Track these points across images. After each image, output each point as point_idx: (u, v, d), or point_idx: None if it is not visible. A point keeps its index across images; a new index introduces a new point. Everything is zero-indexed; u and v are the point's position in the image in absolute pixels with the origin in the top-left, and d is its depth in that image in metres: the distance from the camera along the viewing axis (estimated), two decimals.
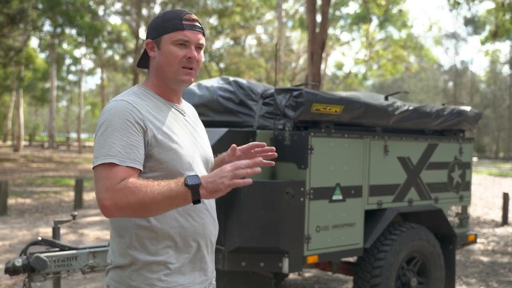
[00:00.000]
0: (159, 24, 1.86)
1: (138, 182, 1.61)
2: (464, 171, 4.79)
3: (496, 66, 58.92)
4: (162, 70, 1.86)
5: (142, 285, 1.75)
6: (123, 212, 1.62)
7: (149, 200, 1.58)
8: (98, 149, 1.69)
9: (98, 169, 1.66)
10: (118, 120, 1.70)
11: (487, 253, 7.48)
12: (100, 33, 22.36)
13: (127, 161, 1.66)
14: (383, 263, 3.99)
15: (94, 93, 67.34)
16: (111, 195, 1.60)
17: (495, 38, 16.63)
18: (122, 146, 1.67)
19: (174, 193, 1.59)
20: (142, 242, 1.77)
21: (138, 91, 1.88)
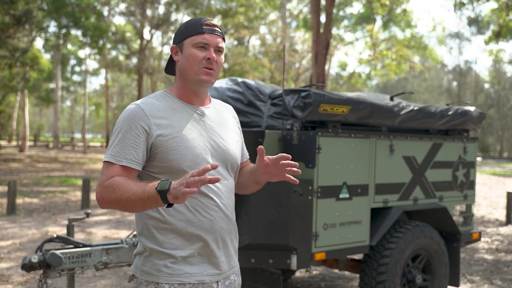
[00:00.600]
0: (182, 30, 2.00)
1: (120, 181, 1.78)
2: (469, 170, 4.87)
3: (500, 65, 58.82)
4: (184, 72, 1.98)
5: (151, 271, 1.89)
6: (108, 205, 1.82)
7: (125, 199, 1.76)
8: (108, 145, 1.91)
9: (102, 166, 1.88)
10: (125, 123, 1.89)
11: (491, 251, 7.54)
12: (105, 34, 22.47)
13: (122, 161, 1.84)
14: (388, 260, 4.07)
15: (98, 94, 67.57)
16: (100, 190, 1.82)
17: (498, 38, 16.68)
18: (121, 147, 1.85)
19: (145, 195, 1.71)
20: (151, 231, 1.91)
21: (159, 94, 2.01)
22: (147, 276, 1.89)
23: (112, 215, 10.05)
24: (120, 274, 5.79)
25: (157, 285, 1.87)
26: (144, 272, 1.90)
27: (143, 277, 1.90)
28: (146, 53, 34.27)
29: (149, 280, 1.88)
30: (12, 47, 19.71)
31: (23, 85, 26.54)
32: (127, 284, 5.41)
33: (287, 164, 1.96)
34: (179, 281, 1.88)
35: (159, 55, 43.19)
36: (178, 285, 1.87)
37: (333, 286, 5.53)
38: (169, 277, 1.87)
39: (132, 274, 1.99)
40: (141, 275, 1.91)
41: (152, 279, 1.88)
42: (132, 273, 1.98)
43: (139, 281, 1.92)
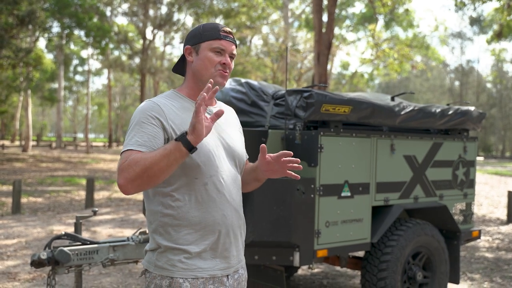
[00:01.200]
0: (200, 33, 2.08)
1: (138, 154, 1.83)
2: (468, 169, 4.94)
3: (503, 65, 58.78)
4: (198, 73, 2.07)
5: (165, 266, 1.96)
6: (135, 183, 1.81)
7: (150, 164, 1.78)
8: (125, 140, 1.94)
9: (120, 157, 1.90)
10: (140, 115, 1.96)
11: (491, 250, 7.61)
12: (108, 34, 22.56)
13: (141, 147, 1.88)
14: (389, 258, 4.14)
15: (101, 94, 67.72)
16: (121, 173, 1.83)
17: (499, 38, 16.73)
18: (140, 136, 1.91)
19: (168, 150, 1.79)
20: (165, 228, 1.97)
21: (169, 94, 2.10)
22: (161, 270, 1.96)
23: (116, 214, 10.14)
24: (125, 271, 5.88)
25: (171, 279, 1.94)
26: (158, 267, 1.97)
27: (157, 271, 1.97)
28: (148, 53, 34.37)
29: (164, 274, 1.96)
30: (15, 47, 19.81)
31: (26, 85, 26.65)
32: (131, 281, 5.49)
33: (288, 160, 2.04)
34: (192, 276, 1.96)
35: (161, 55, 43.29)
36: (191, 279, 1.95)
37: (335, 284, 5.61)
38: (184, 272, 1.95)
39: (145, 269, 2.05)
40: (155, 270, 1.98)
41: (166, 274, 1.95)
42: (145, 268, 2.05)
43: (153, 276, 1.98)
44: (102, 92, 67.90)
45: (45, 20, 20.69)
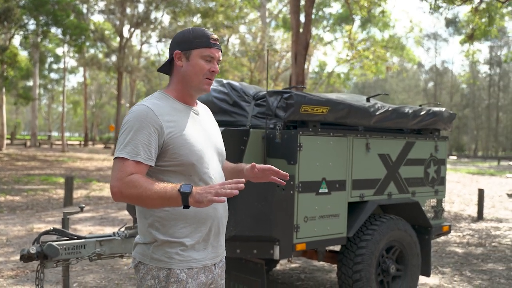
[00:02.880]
0: (190, 39, 2.20)
1: (141, 179, 1.97)
2: (439, 167, 5.18)
3: (476, 66, 59.88)
4: (188, 79, 2.20)
5: (162, 258, 2.10)
6: (125, 199, 2.00)
7: (146, 196, 1.94)
8: (118, 145, 2.06)
9: (115, 162, 2.04)
10: (137, 122, 2.06)
11: (462, 245, 7.91)
12: (86, 32, 22.45)
13: (136, 157, 2.01)
14: (365, 251, 4.35)
15: (76, 92, 67.05)
16: (119, 185, 1.98)
17: (471, 40, 17.17)
18: (135, 144, 2.02)
19: (167, 195, 1.92)
20: (162, 223, 2.10)
21: (159, 96, 2.21)
22: (158, 263, 2.09)
23: (95, 212, 10.20)
24: (107, 267, 5.99)
25: (169, 270, 2.09)
26: (155, 259, 2.10)
27: (154, 263, 2.10)
28: (125, 52, 34.23)
29: (161, 266, 2.09)
30: None
31: (0, 83, 26.36)
32: (114, 277, 5.61)
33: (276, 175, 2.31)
34: (188, 266, 2.11)
35: (138, 54, 43.10)
36: (187, 269, 2.11)
37: (312, 278, 5.81)
38: (180, 263, 2.10)
39: (138, 261, 2.15)
40: (151, 262, 2.10)
41: (164, 265, 2.09)
42: (138, 260, 2.15)
43: (149, 267, 2.10)
44: (77, 90, 67.23)
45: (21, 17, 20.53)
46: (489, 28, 15.42)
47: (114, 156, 2.04)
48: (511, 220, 10.62)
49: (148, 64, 46.66)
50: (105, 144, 52.82)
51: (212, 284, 2.23)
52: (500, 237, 8.65)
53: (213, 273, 2.23)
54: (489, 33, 16.27)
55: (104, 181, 16.74)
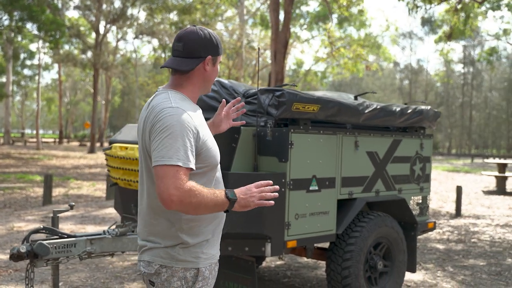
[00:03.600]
0: (217, 45, 2.22)
1: (199, 187, 1.98)
2: (425, 164, 5.26)
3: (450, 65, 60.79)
4: (208, 83, 2.26)
5: (189, 258, 2.12)
6: (183, 208, 1.97)
7: (204, 204, 1.97)
8: (163, 150, 1.97)
9: (165, 168, 1.95)
10: (181, 126, 2.00)
11: (442, 241, 8.03)
12: (62, 28, 22.14)
13: (189, 164, 1.99)
14: (353, 248, 4.39)
15: (50, 88, 66.09)
16: (179, 193, 1.93)
17: (449, 39, 17.43)
18: (184, 151, 1.98)
19: (219, 202, 2.00)
20: (189, 225, 2.13)
21: (181, 97, 2.15)
22: (185, 264, 2.10)
23: (75, 211, 10.08)
24: (92, 266, 5.93)
25: (196, 270, 2.12)
26: (182, 261, 2.10)
27: (180, 265, 2.10)
28: (102, 48, 33.87)
29: (188, 267, 2.10)
30: None
31: None
32: (99, 276, 5.56)
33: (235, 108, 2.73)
34: (209, 263, 2.18)
35: (114, 50, 42.69)
36: (209, 266, 2.17)
37: (298, 275, 5.85)
38: (205, 261, 2.16)
39: (159, 265, 2.11)
40: (177, 264, 2.10)
41: (191, 266, 2.11)
42: (159, 264, 2.11)
43: (174, 270, 2.09)
44: (51, 87, 66.30)
45: None
46: (465, 27, 15.67)
47: (164, 163, 1.95)
48: (488, 217, 10.82)
49: (123, 61, 46.27)
50: (81, 142, 52.20)
51: (216, 276, 2.30)
52: (479, 233, 8.81)
53: (218, 265, 2.30)
54: (465, 32, 16.54)
55: (81, 179, 16.56)
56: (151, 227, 2.16)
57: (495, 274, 6.08)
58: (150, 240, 2.17)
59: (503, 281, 5.78)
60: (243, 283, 4.14)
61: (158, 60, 42.52)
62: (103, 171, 20.06)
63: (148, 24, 36.88)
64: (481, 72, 64.71)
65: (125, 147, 4.39)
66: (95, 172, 19.33)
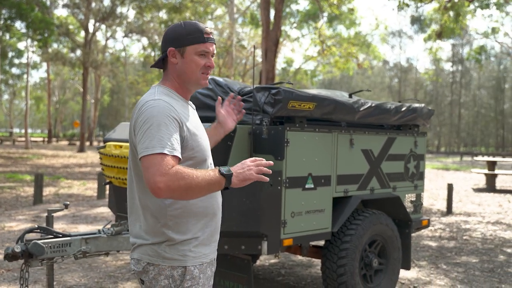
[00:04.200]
0: (183, 35, 2.15)
1: (186, 169, 1.93)
2: (419, 162, 5.28)
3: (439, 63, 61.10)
4: (185, 76, 2.18)
5: (176, 256, 2.08)
6: (173, 193, 1.91)
7: (195, 185, 1.90)
8: (147, 141, 1.95)
9: (150, 158, 1.92)
10: (162, 116, 1.99)
11: (435, 239, 8.07)
12: (51, 27, 21.98)
13: (174, 152, 1.95)
14: (349, 246, 4.39)
15: (38, 87, 65.63)
16: (165, 179, 1.88)
17: (439, 38, 17.50)
18: (168, 139, 1.96)
19: (213, 180, 1.93)
20: (175, 221, 2.08)
21: (165, 91, 2.16)
22: (172, 262, 2.06)
23: (67, 210, 10.01)
24: (85, 266, 5.89)
25: (184, 268, 2.07)
26: (168, 259, 2.06)
27: (166, 263, 2.06)
28: (91, 47, 33.68)
29: (175, 265, 2.06)
30: None
31: None
32: (93, 275, 5.53)
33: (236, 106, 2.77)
34: (200, 262, 2.12)
35: (103, 49, 42.45)
36: (199, 265, 2.11)
37: (292, 273, 5.85)
38: (194, 260, 2.10)
39: (147, 263, 2.09)
40: (164, 262, 2.06)
41: (178, 264, 2.06)
42: (147, 261, 2.09)
43: (161, 268, 2.06)
44: (40, 86, 65.83)
45: None
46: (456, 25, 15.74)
47: (148, 153, 1.93)
48: (478, 214, 10.89)
49: (113, 60, 46.03)
50: (70, 141, 51.91)
51: (212, 276, 2.25)
52: (471, 231, 8.86)
53: (214, 265, 2.26)
54: (455, 31, 16.62)
55: (72, 178, 16.46)
56: (140, 224, 2.14)
57: (488, 271, 6.11)
58: (139, 237, 2.14)
59: (496, 278, 5.82)
60: (239, 281, 4.13)
61: (147, 58, 42.35)
62: (94, 170, 19.95)
63: (137, 23, 36.72)
64: (470, 70, 65.14)
65: (119, 145, 4.36)
66: (86, 171, 19.22)
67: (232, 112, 2.76)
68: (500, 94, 63.26)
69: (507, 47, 35.05)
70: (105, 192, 12.07)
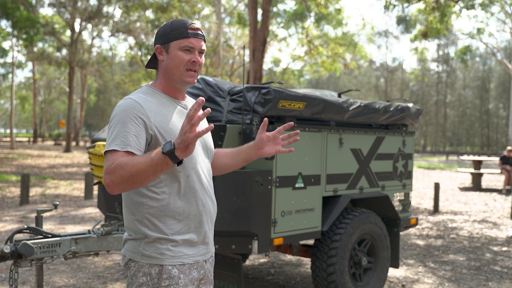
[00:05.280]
0: (168, 32, 2.15)
1: (124, 159, 1.90)
2: (407, 161, 5.32)
3: (425, 63, 61.51)
4: (170, 72, 2.16)
5: (153, 254, 2.06)
6: (121, 186, 1.90)
7: (135, 171, 1.86)
8: (107, 139, 2.01)
9: (106, 155, 1.97)
10: (124, 114, 2.01)
11: (422, 237, 8.13)
12: (37, 26, 21.80)
13: (126, 147, 1.95)
14: (338, 245, 4.42)
15: (23, 87, 65.04)
16: (108, 176, 1.90)
17: (425, 38, 17.63)
18: (124, 135, 1.97)
19: (155, 161, 1.85)
20: (151, 220, 2.06)
21: (146, 90, 2.17)
22: (150, 259, 2.05)
23: (54, 211, 9.94)
24: (73, 266, 5.86)
25: (161, 267, 2.05)
26: (146, 256, 2.06)
27: (145, 260, 2.05)
28: (77, 46, 33.46)
29: (152, 263, 2.05)
30: None
31: None
32: (82, 275, 5.50)
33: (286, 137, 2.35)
34: (180, 262, 2.08)
35: (89, 48, 42.19)
36: (179, 265, 2.08)
37: (282, 272, 5.86)
38: (172, 259, 2.06)
39: (129, 259, 2.10)
40: (142, 259, 2.06)
41: (155, 262, 2.05)
42: (128, 257, 2.10)
43: (140, 265, 2.06)
44: (25, 85, 65.23)
45: None
46: (442, 26, 15.86)
47: (104, 150, 1.98)
48: (465, 213, 10.99)
49: (99, 59, 45.76)
50: (55, 141, 51.51)
51: (202, 280, 2.22)
52: (457, 229, 8.94)
53: (205, 268, 2.21)
54: (441, 31, 16.75)
55: (58, 178, 16.34)
56: (125, 219, 2.17)
57: (475, 269, 6.18)
58: (127, 232, 2.16)
59: (483, 276, 5.88)
60: (229, 281, 4.14)
61: (134, 58, 42.16)
62: (80, 170, 19.82)
63: (124, 22, 36.53)
64: (455, 70, 65.67)
65: None
66: (72, 172, 19.09)
67: (279, 140, 2.40)
68: (485, 94, 63.89)
69: (492, 47, 35.38)
70: (92, 192, 12.00)
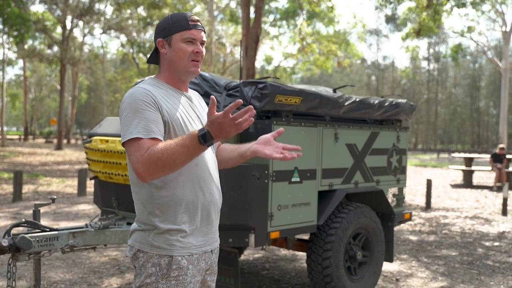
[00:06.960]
0: (169, 25, 2.19)
1: (159, 146, 1.93)
2: (401, 156, 5.37)
3: (416, 61, 61.76)
4: (173, 64, 2.19)
5: (163, 245, 2.09)
6: (155, 175, 1.94)
7: (172, 155, 1.90)
8: (125, 128, 2.01)
9: (128, 144, 1.99)
10: (138, 102, 2.03)
11: (415, 233, 8.20)
12: (28, 23, 21.69)
13: (150, 134, 1.98)
14: (334, 239, 4.46)
15: (13, 84, 64.66)
16: (142, 164, 1.92)
17: (418, 36, 17.72)
18: (144, 123, 1.99)
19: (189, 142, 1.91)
20: (162, 210, 2.09)
21: (151, 82, 2.20)
22: (159, 250, 2.07)
23: (47, 207, 9.93)
24: (68, 262, 5.87)
25: (170, 258, 2.08)
26: (156, 247, 2.08)
27: (154, 251, 2.08)
28: (69, 43, 33.31)
29: (162, 253, 2.07)
30: None
31: None
32: (77, 271, 5.51)
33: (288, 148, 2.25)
34: (188, 253, 2.11)
35: (80, 45, 42.00)
36: (188, 256, 2.11)
37: (277, 267, 5.90)
38: (181, 250, 2.09)
39: (137, 250, 2.12)
40: (152, 250, 2.08)
41: (165, 253, 2.07)
42: (137, 248, 2.12)
43: (150, 255, 2.08)
44: (15, 83, 64.85)
45: None
46: (434, 24, 15.95)
47: (126, 139, 1.98)
48: (457, 209, 11.09)
49: (91, 56, 45.59)
50: (46, 139, 51.27)
51: (208, 270, 2.25)
52: (449, 225, 9.02)
53: (211, 259, 2.25)
54: (433, 29, 16.85)
55: (50, 175, 16.29)
56: (137, 211, 2.18)
57: (467, 264, 6.24)
58: (136, 223, 2.18)
59: (475, 270, 5.95)
60: (226, 274, 4.17)
61: (126, 55, 42.03)
62: (72, 167, 19.77)
63: (116, 19, 36.42)
64: (446, 68, 66.00)
65: (106, 140, 4.35)
66: (64, 169, 19.03)
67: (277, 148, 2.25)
68: (475, 92, 64.27)
69: (482, 46, 35.60)
70: (85, 189, 11.98)
